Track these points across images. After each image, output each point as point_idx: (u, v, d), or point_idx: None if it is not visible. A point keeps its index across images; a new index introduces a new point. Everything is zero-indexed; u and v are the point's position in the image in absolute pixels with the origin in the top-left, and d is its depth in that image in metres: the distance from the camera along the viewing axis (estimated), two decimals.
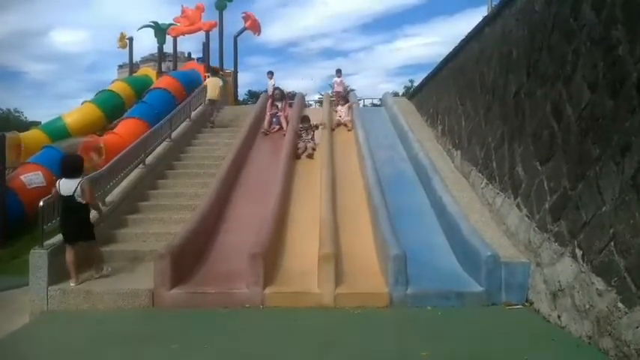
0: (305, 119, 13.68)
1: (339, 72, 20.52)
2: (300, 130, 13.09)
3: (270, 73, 21.05)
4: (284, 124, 13.99)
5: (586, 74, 5.49)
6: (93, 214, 7.48)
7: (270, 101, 14.75)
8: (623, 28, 4.88)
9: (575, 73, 5.73)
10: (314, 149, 12.37)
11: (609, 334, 4.57)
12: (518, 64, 7.56)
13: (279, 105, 14.45)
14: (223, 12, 20.17)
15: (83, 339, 5.68)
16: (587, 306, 4.95)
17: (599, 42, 5.30)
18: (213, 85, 15.26)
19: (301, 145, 12.54)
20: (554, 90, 6.24)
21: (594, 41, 5.41)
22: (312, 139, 12.84)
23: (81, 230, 7.14)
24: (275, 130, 14.06)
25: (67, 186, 7.06)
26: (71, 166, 7.30)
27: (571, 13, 5.99)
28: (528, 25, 7.33)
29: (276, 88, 15.66)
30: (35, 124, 32.00)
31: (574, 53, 5.82)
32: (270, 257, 7.02)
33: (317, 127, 13.25)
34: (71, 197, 7.03)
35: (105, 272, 7.29)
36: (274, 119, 14.35)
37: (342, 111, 14.96)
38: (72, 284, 6.95)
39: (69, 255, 7.03)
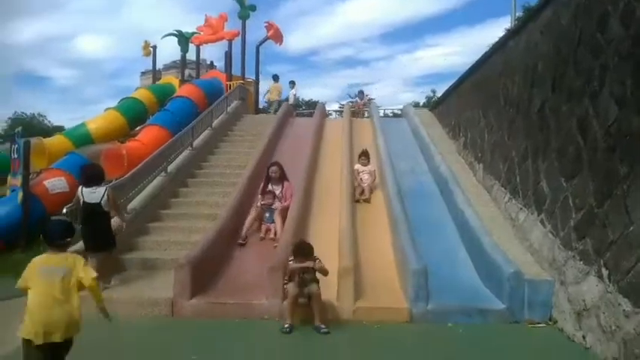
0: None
1: (361, 93, 20.69)
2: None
3: (292, 83, 21.09)
4: (279, 228, 8.48)
5: (614, 90, 5.41)
6: (116, 222, 7.51)
7: (263, 183, 9.35)
8: None
9: (603, 88, 5.64)
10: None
11: (636, 358, 4.45)
12: (543, 78, 7.47)
13: (277, 191, 9.12)
14: (246, 21, 20.29)
15: (102, 347, 5.69)
16: (614, 327, 4.84)
17: (628, 57, 5.22)
18: (277, 90, 20.02)
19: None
20: (580, 105, 6.15)
21: (622, 57, 5.33)
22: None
23: (105, 239, 7.19)
24: (263, 237, 8.63)
25: (91, 194, 7.12)
26: (93, 174, 7.39)
27: (598, 27, 5.91)
28: (554, 38, 7.26)
29: (272, 164, 9.50)
30: (59, 128, 32.54)
31: (601, 68, 5.73)
32: None
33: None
34: (97, 205, 7.10)
35: (112, 284, 7.24)
36: (266, 215, 8.82)
37: (364, 173, 10.63)
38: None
39: (91, 262, 7.06)
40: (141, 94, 19.29)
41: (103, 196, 7.16)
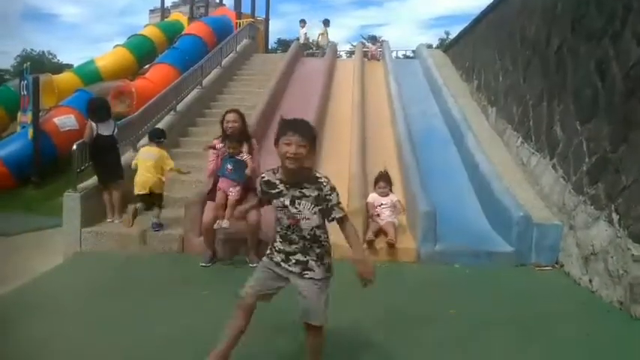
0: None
1: (373, 38, 20.13)
2: None
3: (303, 22, 20.65)
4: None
5: (637, 31, 5.21)
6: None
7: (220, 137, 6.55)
8: None
9: (625, 29, 5.43)
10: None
11: None
12: (562, 18, 7.22)
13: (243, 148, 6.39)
14: None
15: (114, 280, 5.82)
16: (621, 272, 4.85)
17: None
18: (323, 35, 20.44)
19: None
20: (600, 46, 5.96)
21: None
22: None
23: (119, 170, 7.58)
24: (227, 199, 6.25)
25: (103, 127, 7.41)
26: (103, 107, 7.71)
27: None
28: None
29: (229, 111, 6.57)
30: (68, 66, 32.26)
31: (624, 9, 5.51)
32: None
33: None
34: (111, 136, 7.50)
35: (116, 220, 7.45)
36: (228, 172, 6.27)
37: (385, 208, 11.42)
38: (108, 220, 7.39)
39: (106, 194, 7.44)
40: (150, 32, 18.98)
41: (115, 128, 7.55)
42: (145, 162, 7.06)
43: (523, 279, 5.92)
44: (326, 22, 20.99)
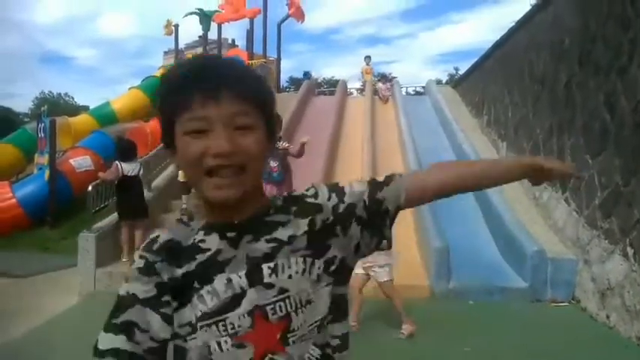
0: None
1: (384, 78, 19.36)
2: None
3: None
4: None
5: None
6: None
7: None
8: None
9: (632, 63, 5.49)
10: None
11: None
12: (569, 53, 7.31)
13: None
14: None
15: None
16: (638, 307, 4.78)
17: None
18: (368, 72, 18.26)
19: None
20: (607, 81, 6.01)
21: None
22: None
23: (144, 205, 7.72)
24: None
25: (129, 167, 7.60)
26: (131, 148, 7.90)
27: (627, 0, 5.74)
28: (581, 12, 7.07)
29: None
30: (84, 108, 32.92)
31: (630, 43, 5.58)
32: None
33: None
34: (136, 176, 7.64)
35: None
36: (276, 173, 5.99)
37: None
38: (124, 259, 7.37)
39: (124, 232, 7.48)
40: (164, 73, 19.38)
41: (140, 168, 7.77)
42: None
43: (539, 315, 5.84)
44: (367, 59, 19.19)
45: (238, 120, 0.97)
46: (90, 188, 7.29)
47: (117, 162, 7.68)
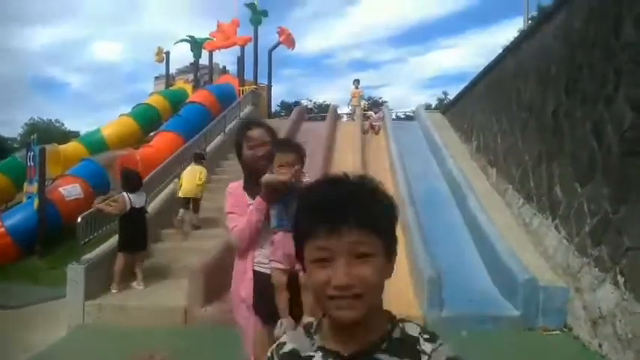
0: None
1: (375, 105, 19.38)
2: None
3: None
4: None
5: (629, 95, 5.34)
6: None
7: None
8: None
9: (618, 93, 5.57)
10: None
11: None
12: (556, 81, 7.41)
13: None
14: (258, 26, 20.35)
15: (117, 353, 5.74)
16: (630, 335, 4.78)
17: None
18: (357, 96, 18.38)
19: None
20: (594, 110, 6.09)
21: (637, 61, 5.26)
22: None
23: (146, 238, 7.86)
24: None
25: (137, 198, 7.75)
26: (137, 179, 8.05)
27: (612, 31, 5.84)
28: (567, 42, 7.19)
29: (253, 126, 3.27)
30: (74, 134, 32.89)
31: (615, 73, 5.67)
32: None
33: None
34: (142, 208, 7.85)
35: (140, 286, 7.49)
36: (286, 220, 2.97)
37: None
38: (114, 290, 7.34)
39: (120, 263, 7.46)
40: (154, 100, 19.46)
41: (146, 199, 8.01)
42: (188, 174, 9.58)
43: (531, 343, 5.83)
44: (355, 83, 19.25)
45: (358, 249, 1.06)
46: (79, 219, 7.22)
47: (124, 194, 7.68)
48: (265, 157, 3.06)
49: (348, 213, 1.06)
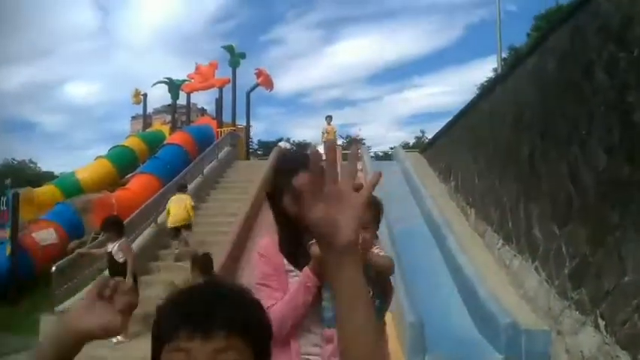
0: None
1: (329, 118, 18.82)
2: None
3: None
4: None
5: (602, 138, 5.45)
6: None
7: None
8: (637, 94, 4.86)
9: (591, 136, 5.68)
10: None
11: None
12: (531, 124, 7.54)
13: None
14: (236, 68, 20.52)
15: None
16: None
17: (614, 107, 5.28)
18: (332, 132, 18.26)
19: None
20: (569, 152, 6.19)
21: (609, 105, 5.39)
22: None
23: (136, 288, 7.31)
24: None
25: (114, 248, 7.43)
26: (120, 226, 7.71)
27: (583, 75, 6.00)
28: (540, 85, 7.35)
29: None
30: (49, 174, 32.44)
31: (589, 116, 5.79)
32: None
33: None
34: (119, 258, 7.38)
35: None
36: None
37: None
38: (120, 338, 6.93)
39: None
40: (131, 142, 19.36)
41: (114, 246, 7.46)
42: (175, 202, 9.84)
43: None
44: (328, 119, 19.10)
45: (222, 357, 0.91)
46: (53, 269, 7.04)
47: (107, 244, 7.50)
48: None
49: (216, 313, 0.92)
